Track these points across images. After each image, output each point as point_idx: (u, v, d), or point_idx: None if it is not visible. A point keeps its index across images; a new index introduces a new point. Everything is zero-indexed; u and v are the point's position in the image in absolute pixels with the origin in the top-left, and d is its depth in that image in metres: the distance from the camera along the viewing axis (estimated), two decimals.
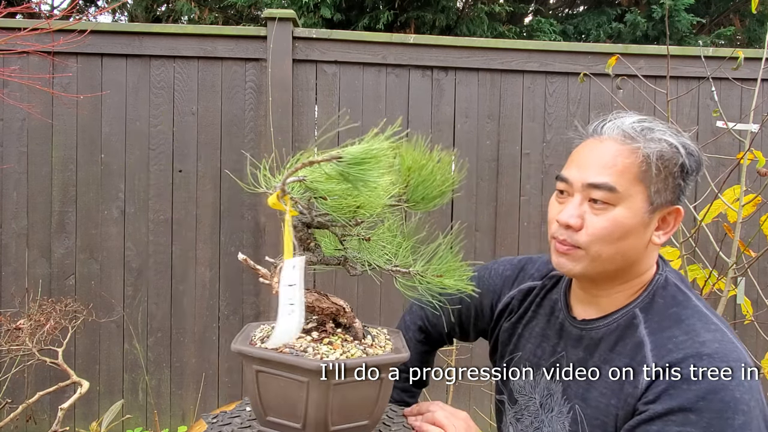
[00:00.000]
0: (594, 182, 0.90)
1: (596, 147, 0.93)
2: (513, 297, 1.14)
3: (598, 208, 0.90)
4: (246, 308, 2.83)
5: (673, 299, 0.94)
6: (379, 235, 0.91)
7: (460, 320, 1.22)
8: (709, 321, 0.89)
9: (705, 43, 5.75)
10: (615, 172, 0.89)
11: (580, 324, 1.00)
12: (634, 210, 0.89)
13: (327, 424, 0.80)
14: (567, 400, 0.98)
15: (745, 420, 0.79)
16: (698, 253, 1.90)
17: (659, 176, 0.89)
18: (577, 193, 0.92)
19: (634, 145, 0.90)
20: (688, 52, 2.90)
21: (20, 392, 2.67)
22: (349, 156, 0.74)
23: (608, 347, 0.95)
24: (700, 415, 0.80)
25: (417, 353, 1.26)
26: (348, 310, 0.92)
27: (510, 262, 1.20)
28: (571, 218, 0.91)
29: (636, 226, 0.90)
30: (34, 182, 2.75)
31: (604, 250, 0.91)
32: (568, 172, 0.94)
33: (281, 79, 2.75)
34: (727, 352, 0.84)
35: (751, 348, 2.65)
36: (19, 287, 2.72)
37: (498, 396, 1.17)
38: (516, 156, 2.89)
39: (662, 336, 0.89)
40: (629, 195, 0.89)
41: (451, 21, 5.31)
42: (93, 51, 2.73)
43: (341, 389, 0.79)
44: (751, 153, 1.74)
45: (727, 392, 0.80)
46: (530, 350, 1.07)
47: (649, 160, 0.89)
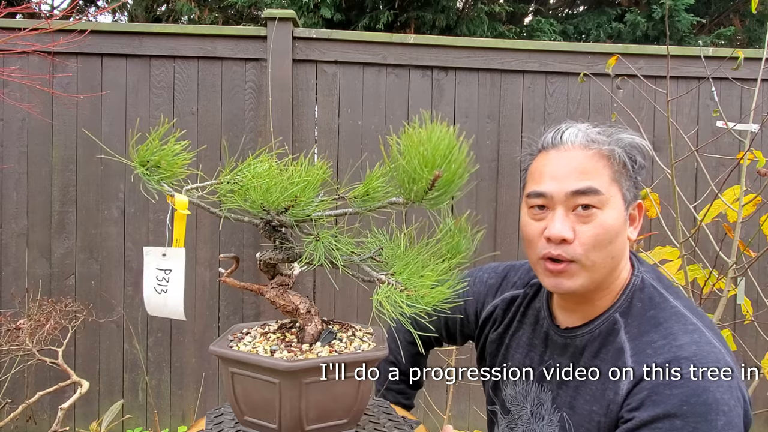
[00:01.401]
0: (578, 189, 0.89)
1: (564, 156, 0.92)
2: (496, 306, 1.14)
3: (585, 215, 0.89)
4: (246, 308, 2.83)
5: (651, 301, 0.94)
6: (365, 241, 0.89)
7: (446, 325, 1.23)
8: (687, 322, 0.89)
9: (705, 43, 5.75)
10: (594, 176, 0.90)
11: (564, 332, 1.01)
12: (617, 210, 0.91)
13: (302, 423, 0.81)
14: (556, 409, 0.99)
15: (727, 420, 0.80)
16: (698, 253, 1.90)
17: (626, 175, 0.93)
18: (560, 206, 0.91)
19: (603, 148, 0.91)
20: (688, 52, 2.90)
21: (20, 392, 2.67)
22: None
23: (592, 354, 0.95)
24: (685, 420, 0.80)
25: (409, 354, 1.27)
26: (303, 311, 0.90)
27: (494, 269, 1.20)
28: (565, 231, 0.89)
29: (621, 226, 0.92)
30: (34, 182, 2.75)
31: (597, 257, 0.90)
32: (545, 186, 0.92)
33: (281, 79, 2.75)
34: (705, 353, 0.84)
35: (751, 348, 2.66)
36: (19, 287, 2.72)
37: (490, 407, 1.18)
38: (516, 156, 2.89)
39: (641, 341, 0.89)
40: (610, 196, 0.91)
41: (451, 21, 5.31)
42: (93, 51, 2.73)
43: (314, 388, 0.79)
44: (751, 153, 1.74)
45: (709, 394, 0.81)
46: (519, 360, 1.08)
47: (619, 159, 0.91)
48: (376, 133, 2.87)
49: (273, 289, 0.90)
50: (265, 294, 0.91)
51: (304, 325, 0.90)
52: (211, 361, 2.83)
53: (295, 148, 2.79)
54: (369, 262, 0.84)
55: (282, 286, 0.91)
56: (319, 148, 2.86)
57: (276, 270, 0.92)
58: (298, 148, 2.81)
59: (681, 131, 2.14)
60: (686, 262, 1.79)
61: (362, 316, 2.87)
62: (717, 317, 1.77)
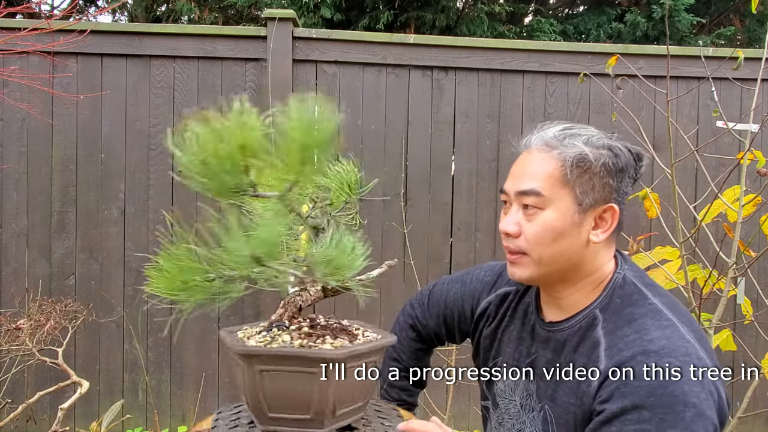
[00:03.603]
0: (522, 189, 0.98)
1: (526, 158, 1.02)
2: (490, 302, 1.18)
3: (530, 214, 0.97)
4: (246, 308, 2.83)
5: (629, 298, 0.96)
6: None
7: (445, 322, 1.27)
8: (662, 318, 0.91)
9: (705, 43, 5.75)
10: (540, 179, 0.96)
11: (548, 326, 1.04)
12: (563, 212, 0.95)
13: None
14: (539, 400, 1.02)
15: (696, 412, 0.81)
16: (698, 253, 1.90)
17: (582, 178, 0.95)
18: (514, 203, 1.00)
19: (554, 152, 0.97)
20: (688, 52, 2.90)
21: (20, 392, 2.67)
22: None
23: (572, 348, 0.98)
24: (653, 411, 0.82)
25: (411, 351, 1.30)
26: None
27: (492, 268, 1.25)
28: (509, 226, 0.98)
29: (567, 226, 0.95)
30: (34, 182, 2.75)
31: (543, 252, 0.96)
32: (506, 185, 1.03)
33: (281, 79, 2.75)
34: (675, 347, 0.86)
35: (751, 348, 2.65)
36: (19, 287, 2.72)
37: (483, 402, 1.20)
38: (516, 156, 2.88)
39: (615, 336, 0.92)
40: (555, 198, 0.95)
41: (451, 21, 5.31)
42: (93, 51, 2.73)
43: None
44: (751, 153, 1.73)
45: (676, 386, 0.82)
46: (509, 354, 1.11)
47: (566, 164, 0.95)
48: (376, 133, 2.87)
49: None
50: None
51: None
52: (211, 361, 2.83)
53: None
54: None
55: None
56: None
57: None
58: None
59: (681, 131, 2.14)
60: (686, 262, 1.79)
61: (363, 315, 2.87)
62: (717, 317, 1.77)
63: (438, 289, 1.29)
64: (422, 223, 2.89)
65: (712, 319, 1.78)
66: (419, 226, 2.88)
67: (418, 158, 2.89)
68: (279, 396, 0.84)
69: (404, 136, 2.88)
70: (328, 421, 0.86)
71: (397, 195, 2.86)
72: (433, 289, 1.30)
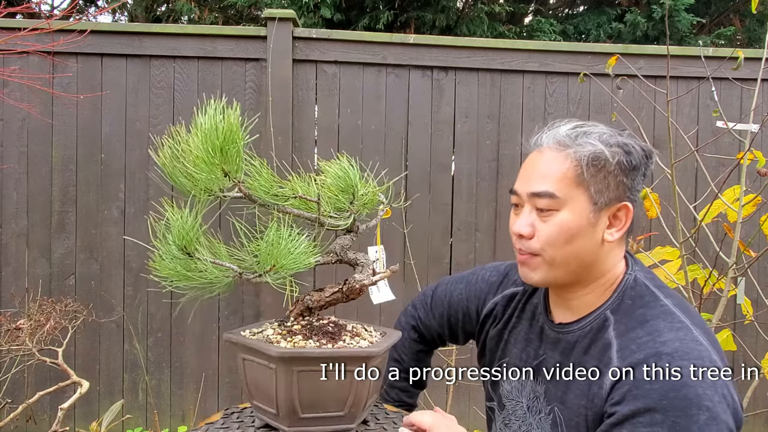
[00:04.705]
0: (535, 191, 0.95)
1: (537, 158, 0.98)
2: (497, 303, 1.17)
3: (544, 215, 0.95)
4: (246, 308, 2.83)
5: (641, 299, 0.95)
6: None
7: (449, 323, 1.25)
8: (674, 319, 0.90)
9: (705, 43, 5.75)
10: (553, 179, 0.94)
11: (557, 327, 1.03)
12: (578, 212, 0.93)
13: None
14: (548, 402, 1.01)
15: (710, 416, 0.80)
16: (698, 253, 1.90)
17: (597, 177, 0.93)
18: (526, 204, 0.97)
19: (568, 151, 0.94)
20: (688, 52, 2.90)
21: (20, 392, 2.67)
22: None
23: (582, 350, 0.97)
24: (665, 414, 0.80)
25: (412, 352, 1.29)
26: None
27: (496, 268, 1.24)
28: (522, 228, 0.96)
29: (583, 226, 0.94)
30: (34, 182, 2.75)
31: (557, 253, 0.95)
32: (517, 186, 1.00)
33: (281, 79, 2.75)
34: (688, 350, 0.85)
35: (751, 348, 2.66)
36: (19, 287, 2.72)
37: (488, 403, 1.19)
38: (516, 156, 2.89)
39: (627, 337, 0.91)
40: (570, 198, 0.93)
41: (451, 21, 5.31)
42: (93, 51, 2.73)
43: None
44: (751, 153, 1.74)
45: (689, 389, 0.81)
46: (516, 355, 1.10)
47: (581, 163, 0.93)
48: (376, 133, 2.87)
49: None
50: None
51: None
52: (211, 361, 2.83)
53: (295, 148, 2.79)
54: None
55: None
56: (319, 148, 2.86)
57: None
58: (298, 148, 2.81)
59: (681, 131, 2.14)
60: (686, 262, 1.79)
61: (363, 315, 2.87)
62: (717, 317, 1.77)
63: (441, 290, 1.28)
64: (422, 223, 2.89)
65: (712, 319, 1.78)
66: (419, 226, 2.88)
67: (418, 158, 2.89)
68: (315, 395, 0.86)
69: (404, 136, 2.88)
70: (359, 416, 0.89)
71: (397, 195, 2.86)
72: (436, 290, 1.29)
